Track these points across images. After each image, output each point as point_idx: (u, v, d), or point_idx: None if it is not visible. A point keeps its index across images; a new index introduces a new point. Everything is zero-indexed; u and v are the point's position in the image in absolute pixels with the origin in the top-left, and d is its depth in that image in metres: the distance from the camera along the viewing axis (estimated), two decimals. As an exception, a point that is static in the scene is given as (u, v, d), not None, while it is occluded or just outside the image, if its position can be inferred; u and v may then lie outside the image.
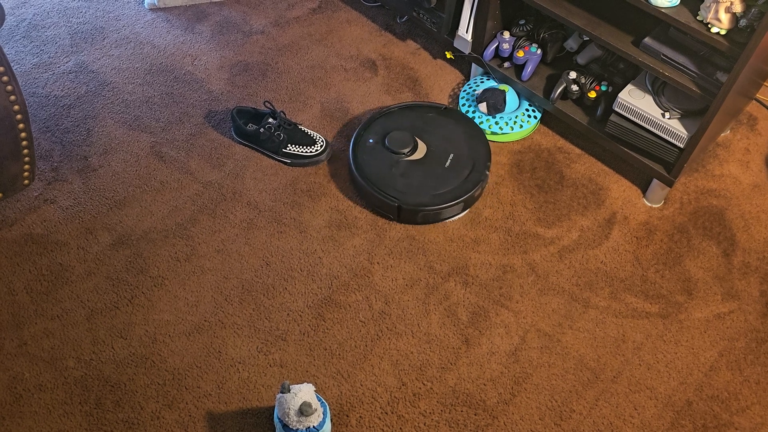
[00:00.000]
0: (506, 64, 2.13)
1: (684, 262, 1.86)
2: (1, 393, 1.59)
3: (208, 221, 1.90)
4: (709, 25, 1.57)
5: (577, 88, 1.98)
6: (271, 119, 2.00)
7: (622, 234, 1.91)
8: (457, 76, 2.29)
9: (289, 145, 2.00)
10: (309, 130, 2.05)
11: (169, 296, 1.75)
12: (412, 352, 1.68)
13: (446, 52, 2.29)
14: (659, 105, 1.83)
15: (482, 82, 2.18)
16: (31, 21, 2.39)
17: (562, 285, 1.80)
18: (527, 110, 2.09)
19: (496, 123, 2.06)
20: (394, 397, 1.61)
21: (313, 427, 1.43)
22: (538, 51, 2.06)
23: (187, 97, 2.19)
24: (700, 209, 1.96)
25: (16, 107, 1.62)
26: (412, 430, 1.57)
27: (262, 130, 1.98)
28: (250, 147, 2.06)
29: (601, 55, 2.01)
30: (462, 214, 1.92)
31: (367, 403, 1.60)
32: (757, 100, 2.21)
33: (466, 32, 2.12)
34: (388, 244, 1.87)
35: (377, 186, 1.89)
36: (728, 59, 1.66)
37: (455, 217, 1.91)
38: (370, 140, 1.98)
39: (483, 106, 2.07)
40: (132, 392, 1.60)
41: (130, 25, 2.39)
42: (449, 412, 1.60)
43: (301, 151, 2.00)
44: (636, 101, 1.83)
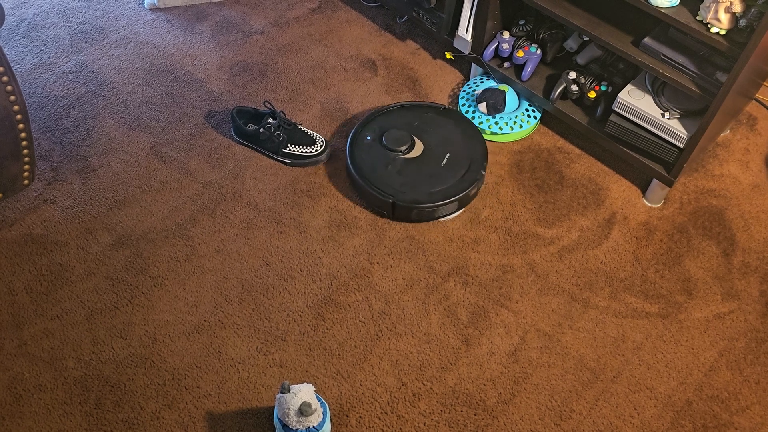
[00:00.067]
0: (506, 64, 2.13)
1: (684, 262, 1.86)
2: (1, 393, 1.59)
3: (208, 221, 1.90)
4: (709, 25, 1.57)
5: (577, 88, 1.98)
6: (270, 119, 2.00)
7: (622, 234, 1.91)
8: (456, 76, 2.29)
9: (288, 145, 2.00)
10: (309, 130, 2.05)
11: (169, 296, 1.75)
12: (411, 352, 1.68)
13: (446, 53, 2.29)
14: (659, 105, 1.83)
15: (482, 82, 2.18)
16: (31, 21, 2.39)
17: (562, 285, 1.80)
18: (527, 110, 2.09)
19: (496, 123, 2.06)
20: (394, 397, 1.61)
21: (313, 427, 1.43)
22: (538, 51, 2.06)
23: (187, 97, 2.19)
24: (699, 209, 1.96)
25: (16, 107, 1.62)
26: (411, 430, 1.57)
27: (261, 130, 1.98)
28: (249, 147, 2.06)
29: (601, 55, 2.02)
30: (456, 213, 1.92)
31: (367, 403, 1.60)
32: (757, 100, 2.21)
33: (466, 32, 2.12)
34: (387, 244, 1.87)
35: (372, 182, 1.89)
36: (728, 59, 1.66)
37: (450, 216, 1.91)
38: (368, 137, 1.98)
39: (483, 106, 2.07)
40: (132, 392, 1.60)
41: (130, 25, 2.39)
42: (449, 412, 1.60)
43: (301, 151, 2.00)
44: (636, 101, 1.83)
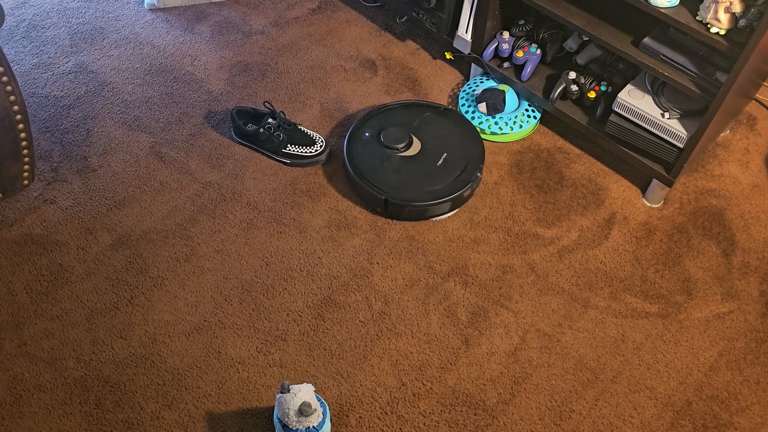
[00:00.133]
0: (506, 65, 2.13)
1: (684, 262, 1.86)
2: (1, 393, 1.59)
3: (208, 221, 1.90)
4: (709, 25, 1.57)
5: (577, 88, 1.98)
6: (270, 119, 2.00)
7: (622, 234, 1.91)
8: (456, 76, 2.29)
9: (288, 145, 2.00)
10: (308, 131, 2.05)
11: (169, 296, 1.75)
12: (411, 353, 1.68)
13: (446, 53, 2.29)
14: (659, 105, 1.83)
15: (482, 82, 2.18)
16: (31, 21, 2.39)
17: (562, 285, 1.80)
18: (527, 110, 2.09)
19: (496, 123, 2.06)
20: (394, 397, 1.61)
21: (313, 427, 1.43)
22: (538, 51, 2.06)
23: (186, 97, 2.19)
24: (699, 209, 1.96)
25: (15, 107, 1.62)
26: (411, 430, 1.57)
27: (261, 130, 1.98)
28: (249, 147, 2.06)
29: (601, 55, 2.02)
30: (450, 214, 1.92)
31: (367, 403, 1.60)
32: (757, 100, 2.21)
33: (466, 32, 2.12)
34: (387, 245, 1.87)
35: (367, 178, 1.89)
36: (727, 59, 1.66)
37: (443, 216, 1.91)
38: (366, 134, 1.99)
39: (482, 107, 2.07)
40: (132, 392, 1.60)
41: (129, 25, 2.39)
42: (449, 413, 1.60)
43: (301, 152, 2.00)
44: (635, 101, 1.83)
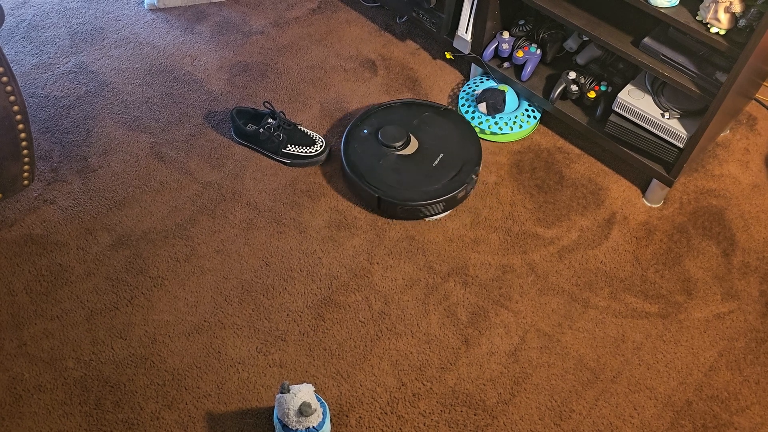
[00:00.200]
0: (506, 65, 2.13)
1: (684, 262, 1.86)
2: (1, 393, 1.59)
3: (208, 222, 1.90)
4: (709, 25, 1.57)
5: (577, 88, 1.98)
6: (270, 119, 1.99)
7: (622, 234, 1.91)
8: (456, 76, 2.29)
9: (288, 145, 2.00)
10: (308, 131, 2.05)
11: (169, 297, 1.75)
12: (411, 353, 1.68)
13: (446, 53, 2.29)
14: (659, 105, 1.82)
15: (482, 82, 2.18)
16: (31, 21, 2.39)
17: (562, 285, 1.80)
18: (527, 110, 2.09)
19: (496, 123, 2.06)
20: (394, 397, 1.61)
21: (313, 427, 1.43)
22: (538, 51, 2.06)
23: (186, 97, 2.19)
24: (699, 209, 1.96)
25: (15, 108, 1.62)
26: (411, 430, 1.57)
27: (261, 130, 1.98)
28: (249, 147, 2.06)
29: (601, 55, 2.01)
30: (443, 215, 1.91)
31: (367, 403, 1.60)
32: (757, 100, 2.21)
33: (466, 32, 2.12)
34: (387, 245, 1.87)
35: (362, 175, 1.89)
36: (727, 59, 1.66)
37: (436, 216, 1.91)
38: (365, 131, 1.99)
39: (482, 107, 2.07)
40: (132, 393, 1.60)
41: (129, 25, 2.39)
42: (449, 413, 1.59)
43: (301, 152, 2.00)
44: (635, 101, 1.83)
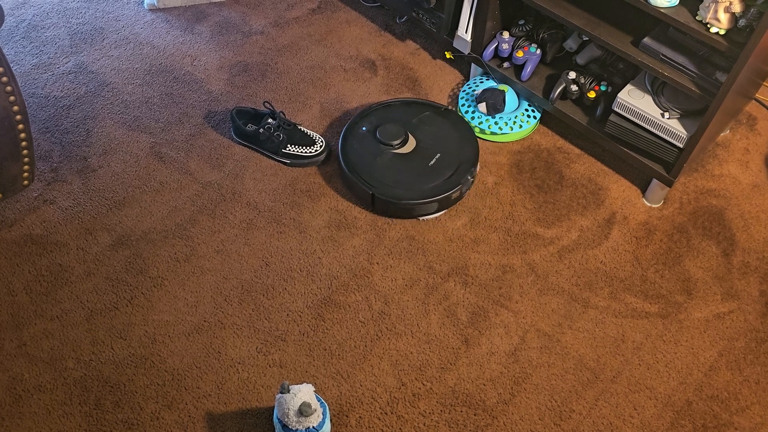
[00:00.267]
0: (506, 65, 2.13)
1: (683, 262, 1.86)
2: (1, 394, 1.59)
3: (208, 222, 1.90)
4: (708, 25, 1.57)
5: (577, 88, 1.98)
6: (270, 119, 1.99)
7: (622, 234, 1.91)
8: (456, 76, 2.28)
9: (288, 145, 2.00)
10: (308, 131, 2.05)
11: (169, 297, 1.75)
12: (411, 353, 1.68)
13: (446, 53, 2.29)
14: (658, 105, 1.82)
15: (482, 82, 2.18)
16: (31, 22, 2.39)
17: (562, 285, 1.80)
18: (527, 110, 2.09)
19: (496, 123, 2.06)
20: (394, 397, 1.61)
21: (313, 427, 1.43)
22: (538, 51, 2.06)
23: (186, 97, 2.19)
24: (699, 209, 1.96)
25: (15, 108, 1.62)
26: (411, 430, 1.57)
27: (261, 130, 1.98)
28: (249, 147, 2.06)
29: (601, 55, 2.01)
30: (437, 214, 1.91)
31: (367, 403, 1.60)
32: (757, 100, 2.21)
33: (466, 32, 2.12)
34: (387, 245, 1.86)
35: (357, 172, 1.89)
36: (727, 59, 1.66)
37: (430, 216, 1.91)
38: (363, 128, 1.99)
39: (482, 106, 2.07)
40: (131, 393, 1.60)
41: (129, 25, 2.39)
42: (449, 413, 1.59)
43: (301, 152, 2.00)
44: (635, 101, 1.83)
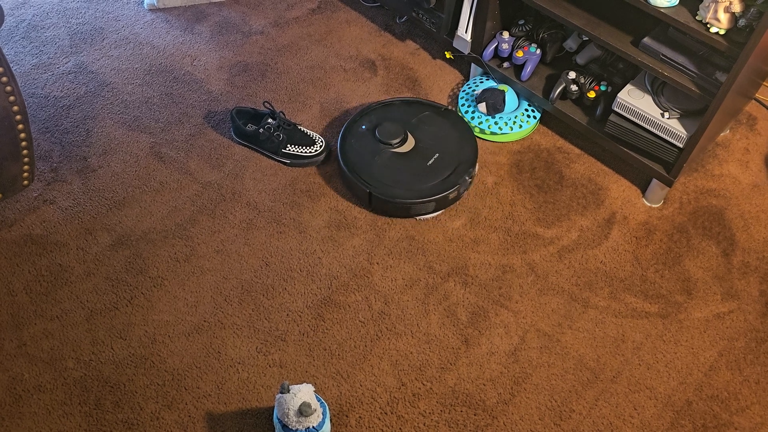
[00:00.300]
0: (505, 64, 2.13)
1: (683, 261, 1.86)
2: (1, 394, 1.59)
3: (208, 222, 1.90)
4: (708, 25, 1.57)
5: (577, 88, 1.98)
6: (270, 119, 1.99)
7: (622, 234, 1.91)
8: (456, 76, 2.28)
9: (288, 145, 2.00)
10: (308, 131, 2.05)
11: (169, 297, 1.75)
12: (411, 353, 1.68)
13: (446, 53, 2.29)
14: (658, 105, 1.82)
15: (481, 82, 2.18)
16: (31, 22, 2.39)
17: (562, 285, 1.80)
18: (526, 110, 2.09)
19: (496, 123, 2.06)
20: (394, 397, 1.61)
21: (313, 427, 1.43)
22: (538, 51, 2.06)
23: (186, 97, 2.19)
24: (699, 209, 1.96)
25: (15, 108, 1.62)
26: (411, 430, 1.57)
27: (261, 130, 1.98)
28: (249, 147, 2.06)
29: (601, 55, 2.01)
30: (434, 214, 1.91)
31: (367, 403, 1.60)
32: (757, 100, 2.21)
33: (466, 32, 2.12)
34: (387, 245, 1.86)
35: (355, 170, 1.90)
36: (727, 59, 1.66)
37: (427, 216, 1.91)
38: (363, 126, 1.99)
39: (482, 106, 2.07)
40: (131, 393, 1.60)
41: (129, 25, 2.39)
42: (449, 413, 1.59)
43: (301, 152, 2.00)
44: (635, 101, 1.83)
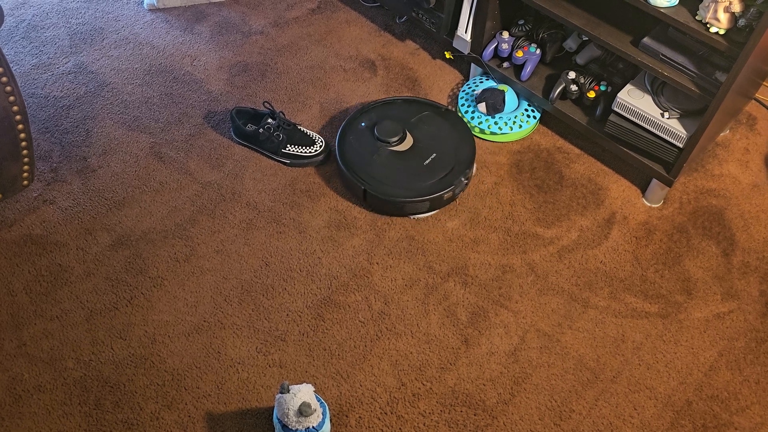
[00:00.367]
0: (505, 64, 2.13)
1: (683, 261, 1.86)
2: (1, 394, 1.59)
3: (208, 222, 1.90)
4: (708, 25, 1.57)
5: (576, 88, 1.98)
6: (270, 120, 1.99)
7: (622, 234, 1.91)
8: (456, 76, 2.28)
9: (288, 145, 2.00)
10: (308, 131, 2.05)
11: (169, 297, 1.75)
12: (411, 353, 1.68)
13: (445, 53, 2.29)
14: (658, 105, 1.82)
15: (481, 82, 2.18)
16: (31, 22, 2.39)
17: (562, 285, 1.80)
18: (526, 110, 2.09)
19: (495, 123, 2.06)
20: (394, 397, 1.61)
21: (313, 427, 1.43)
22: (537, 51, 2.06)
23: (186, 97, 2.19)
24: (699, 209, 1.96)
25: (15, 108, 1.62)
26: (411, 430, 1.57)
27: (261, 130, 1.98)
28: (249, 147, 2.06)
29: (600, 55, 2.01)
30: (428, 214, 1.91)
31: (367, 403, 1.60)
32: (757, 100, 2.21)
33: (465, 32, 2.12)
34: (387, 245, 1.86)
35: (352, 167, 1.90)
36: (727, 59, 1.66)
37: (422, 216, 1.91)
38: (362, 123, 1.99)
39: (482, 106, 2.07)
40: (131, 393, 1.60)
41: (129, 25, 2.39)
42: (449, 413, 1.59)
43: (301, 152, 2.00)
44: (635, 101, 1.83)
